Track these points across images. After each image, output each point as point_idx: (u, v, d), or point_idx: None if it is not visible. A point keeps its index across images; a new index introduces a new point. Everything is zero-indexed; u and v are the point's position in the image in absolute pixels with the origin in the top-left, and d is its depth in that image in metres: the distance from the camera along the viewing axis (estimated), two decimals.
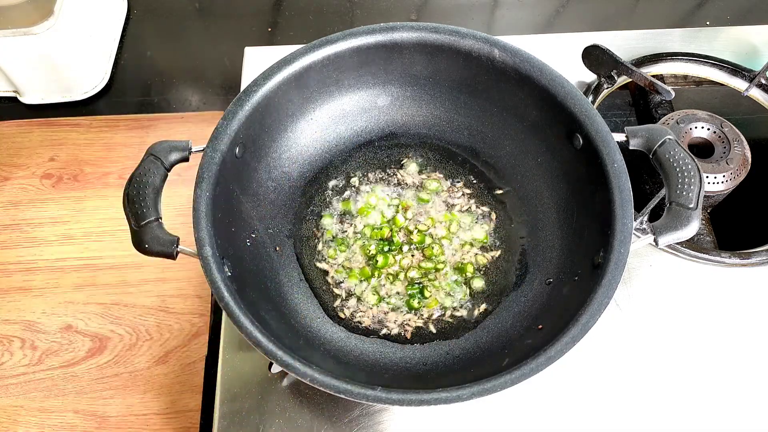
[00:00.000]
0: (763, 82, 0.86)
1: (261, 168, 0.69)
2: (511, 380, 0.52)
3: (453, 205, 0.73)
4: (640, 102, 0.88)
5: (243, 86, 0.78)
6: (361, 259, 0.70)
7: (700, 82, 0.89)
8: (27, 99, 1.11)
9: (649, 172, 0.78)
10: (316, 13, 1.22)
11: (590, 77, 0.87)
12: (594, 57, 0.84)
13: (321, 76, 0.67)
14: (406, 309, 0.68)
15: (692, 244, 0.76)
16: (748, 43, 0.91)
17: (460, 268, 0.69)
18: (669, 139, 0.60)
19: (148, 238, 0.56)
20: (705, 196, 0.67)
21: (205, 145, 0.60)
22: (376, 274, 0.69)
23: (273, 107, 0.65)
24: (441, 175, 0.75)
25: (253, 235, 0.67)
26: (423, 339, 0.66)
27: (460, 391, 0.51)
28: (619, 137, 0.61)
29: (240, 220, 0.65)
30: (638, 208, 0.73)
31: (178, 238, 0.57)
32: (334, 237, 0.71)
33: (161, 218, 0.57)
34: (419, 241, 0.70)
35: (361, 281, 0.69)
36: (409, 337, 0.66)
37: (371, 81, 0.72)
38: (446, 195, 0.74)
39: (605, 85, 0.85)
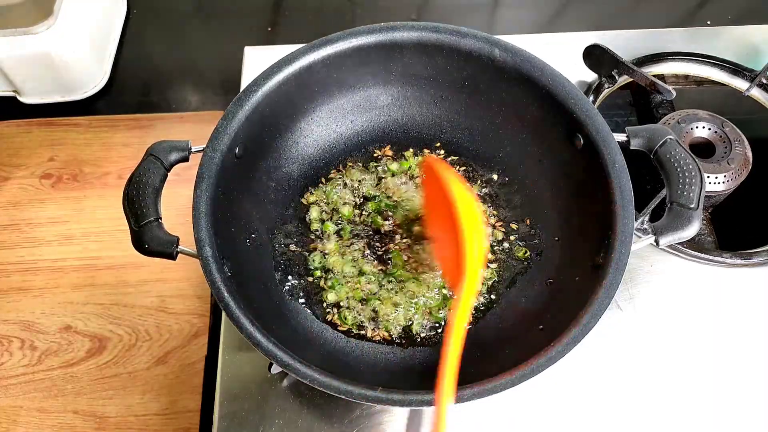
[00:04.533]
0: (764, 81, 0.86)
1: (261, 168, 0.68)
2: (511, 381, 0.52)
3: None
4: (641, 102, 0.88)
5: (243, 86, 0.78)
6: (361, 261, 0.70)
7: (701, 81, 0.89)
8: (26, 99, 1.11)
9: (650, 172, 0.78)
10: (316, 12, 1.22)
11: (591, 77, 0.87)
12: (595, 56, 0.84)
13: (321, 75, 0.67)
14: (407, 311, 0.67)
15: (693, 244, 0.76)
16: (749, 43, 0.91)
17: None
18: (670, 139, 0.60)
19: (148, 238, 0.56)
20: (706, 196, 0.67)
21: (205, 145, 0.60)
22: (376, 276, 0.69)
23: (273, 107, 0.65)
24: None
25: (253, 236, 0.67)
26: (423, 341, 0.66)
27: (461, 392, 0.51)
28: (620, 137, 0.61)
29: (240, 221, 0.65)
30: (639, 208, 0.73)
31: (178, 238, 0.56)
32: (333, 238, 0.71)
33: (161, 218, 0.57)
34: (417, 242, 0.70)
35: (360, 283, 0.69)
36: (409, 340, 0.66)
37: (371, 81, 0.71)
38: None
39: (606, 85, 0.85)
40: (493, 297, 0.68)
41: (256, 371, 0.68)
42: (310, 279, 0.69)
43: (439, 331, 0.66)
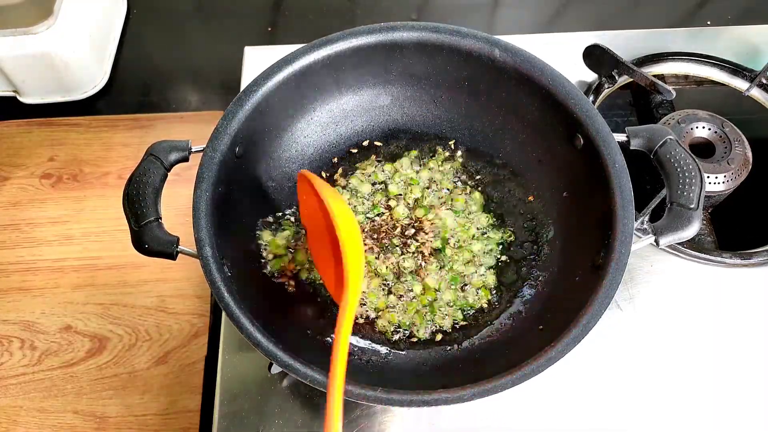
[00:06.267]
0: (764, 81, 0.86)
1: (261, 168, 0.68)
2: (512, 381, 0.52)
3: (453, 205, 0.73)
4: (641, 102, 0.88)
5: (243, 86, 0.78)
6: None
7: (701, 81, 0.89)
8: (26, 99, 1.10)
9: (650, 172, 0.78)
10: (316, 13, 1.22)
11: (591, 77, 0.87)
12: (595, 57, 0.84)
13: (321, 75, 0.67)
14: (407, 313, 0.67)
15: (693, 244, 0.76)
16: (749, 43, 0.91)
17: (461, 270, 0.69)
18: (670, 139, 0.60)
19: (148, 238, 0.56)
20: (706, 196, 0.67)
21: (205, 145, 0.60)
22: (377, 278, 0.69)
23: (273, 107, 0.65)
24: (441, 174, 0.74)
25: (253, 236, 0.67)
26: (424, 341, 0.66)
27: (461, 392, 0.51)
28: (620, 137, 0.61)
29: (240, 221, 0.65)
30: (639, 208, 0.73)
31: (178, 238, 0.57)
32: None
33: (161, 218, 0.57)
34: (419, 244, 0.70)
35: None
36: (410, 342, 0.66)
37: (372, 81, 0.71)
38: (447, 195, 0.73)
39: (606, 85, 0.85)
40: (493, 298, 0.68)
41: (256, 371, 0.68)
42: (311, 277, 0.69)
43: (438, 333, 0.66)
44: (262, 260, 0.67)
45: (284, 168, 0.71)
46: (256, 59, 0.88)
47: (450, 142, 0.75)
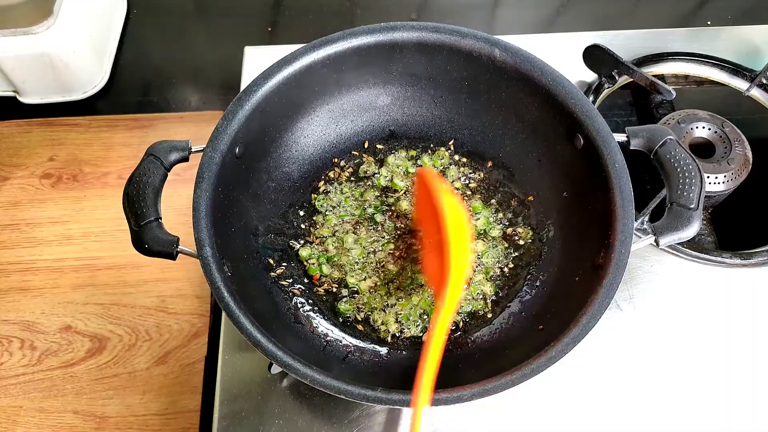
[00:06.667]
0: (764, 82, 0.86)
1: (261, 168, 0.68)
2: (511, 381, 0.52)
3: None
4: (641, 102, 0.88)
5: (243, 86, 0.78)
6: (361, 259, 0.70)
7: (701, 82, 0.89)
8: (26, 99, 1.10)
9: (650, 172, 0.78)
10: (316, 13, 1.22)
11: (591, 77, 0.87)
12: (595, 57, 0.84)
13: (321, 75, 0.67)
14: (408, 314, 0.67)
15: (693, 244, 0.76)
16: (749, 43, 0.91)
17: None
18: (670, 139, 0.60)
19: (148, 238, 0.56)
20: (706, 196, 0.67)
21: (205, 145, 0.60)
22: (376, 276, 0.69)
23: (273, 107, 0.65)
24: (441, 173, 0.74)
25: (253, 236, 0.67)
26: (423, 342, 0.66)
27: (461, 392, 0.51)
28: (620, 137, 0.61)
29: (240, 221, 0.65)
30: (639, 208, 0.73)
31: (178, 238, 0.57)
32: (333, 236, 0.71)
33: (161, 218, 0.57)
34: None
35: (360, 283, 0.69)
36: (410, 342, 0.66)
37: (371, 81, 0.71)
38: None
39: (606, 85, 0.85)
40: (494, 298, 0.68)
41: (256, 371, 0.68)
42: (312, 277, 0.69)
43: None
44: (267, 263, 0.67)
45: (284, 168, 0.71)
46: (256, 59, 0.88)
47: (450, 142, 0.75)
